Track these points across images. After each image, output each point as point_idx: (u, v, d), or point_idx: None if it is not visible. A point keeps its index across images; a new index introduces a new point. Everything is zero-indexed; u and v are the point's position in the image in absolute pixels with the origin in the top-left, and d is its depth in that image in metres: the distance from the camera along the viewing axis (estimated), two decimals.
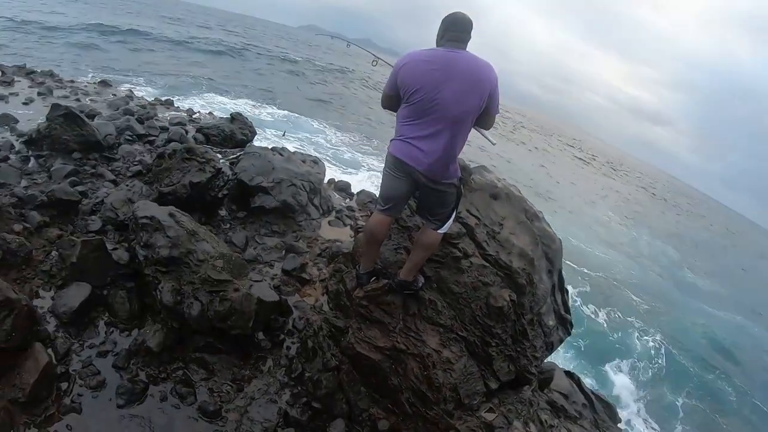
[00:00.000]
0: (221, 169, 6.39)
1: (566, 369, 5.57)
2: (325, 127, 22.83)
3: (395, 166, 3.36)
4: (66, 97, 10.65)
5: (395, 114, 3.43)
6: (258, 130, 10.91)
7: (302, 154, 8.70)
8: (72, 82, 12.88)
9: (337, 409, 4.15)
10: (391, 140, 3.39)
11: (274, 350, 4.69)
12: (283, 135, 16.73)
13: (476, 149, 28.18)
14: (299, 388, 4.32)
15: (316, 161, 8.36)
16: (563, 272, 4.45)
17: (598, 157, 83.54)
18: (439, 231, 3.59)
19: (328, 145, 19.47)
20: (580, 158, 65.64)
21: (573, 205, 31.00)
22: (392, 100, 3.41)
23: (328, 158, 16.44)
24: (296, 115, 22.73)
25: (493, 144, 4.06)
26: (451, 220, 3.61)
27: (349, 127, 24.61)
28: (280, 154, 7.43)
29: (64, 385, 3.95)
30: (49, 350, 4.04)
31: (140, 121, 9.21)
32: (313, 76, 39.30)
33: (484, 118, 3.34)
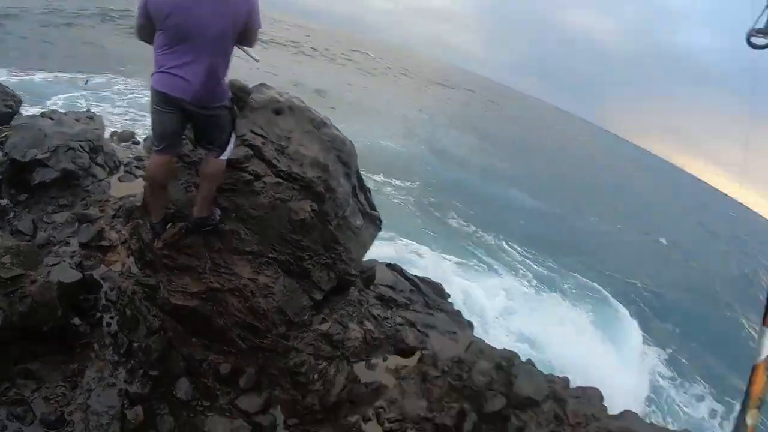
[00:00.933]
0: None
1: (386, 262, 5.81)
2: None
3: (161, 101, 3.18)
4: None
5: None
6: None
7: (75, 112, 7.79)
8: None
9: (175, 368, 4.03)
10: (152, 74, 3.18)
11: (95, 332, 4.38)
12: (86, 83, 15.08)
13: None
14: (132, 362, 4.11)
15: (91, 117, 7.51)
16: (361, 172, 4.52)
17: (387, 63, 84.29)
18: (221, 158, 3.49)
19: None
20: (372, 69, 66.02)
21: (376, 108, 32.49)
22: (146, 30, 3.16)
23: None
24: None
25: (257, 61, 3.90)
26: (231, 144, 3.53)
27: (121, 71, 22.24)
28: (50, 118, 6.63)
29: None
30: None
31: None
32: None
33: (245, 35, 3.25)
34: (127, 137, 8.78)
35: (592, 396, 4.56)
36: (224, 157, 3.51)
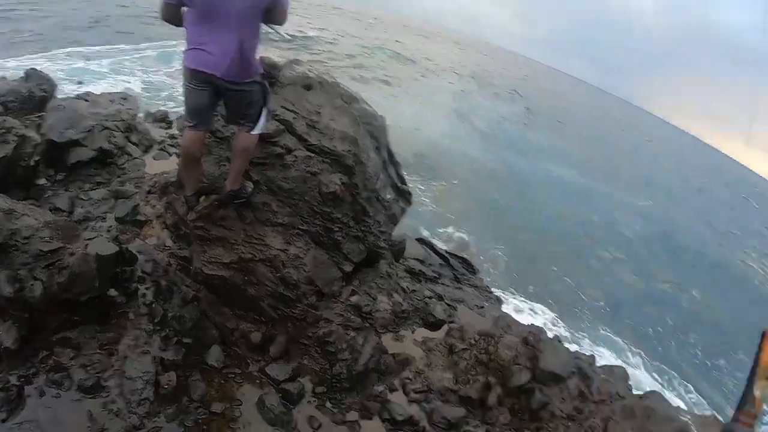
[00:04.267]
0: (25, 134, 5.86)
1: (416, 237, 5.94)
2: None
3: (193, 77, 3.30)
4: None
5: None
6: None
7: (110, 93, 8.08)
8: None
9: (208, 337, 4.26)
10: (184, 51, 3.32)
11: (131, 302, 4.60)
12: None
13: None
14: (166, 330, 4.34)
15: (125, 97, 7.82)
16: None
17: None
18: (253, 132, 3.61)
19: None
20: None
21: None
22: (171, 9, 3.29)
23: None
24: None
25: (288, 39, 4.01)
26: (263, 119, 3.64)
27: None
28: (85, 100, 6.92)
29: None
30: None
31: None
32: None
33: (273, 13, 3.32)
34: (161, 116, 9.00)
35: (617, 375, 4.66)
36: (256, 131, 3.62)
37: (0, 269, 4.31)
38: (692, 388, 11.77)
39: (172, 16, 3.32)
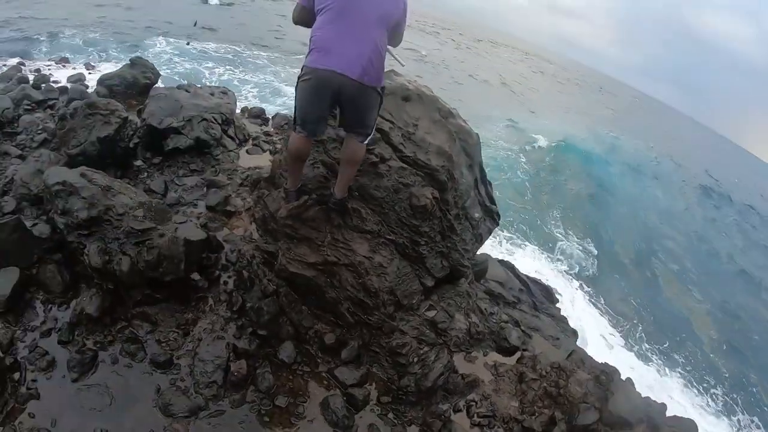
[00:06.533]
0: (127, 117, 6.25)
1: (499, 258, 5.93)
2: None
3: (317, 80, 3.32)
4: None
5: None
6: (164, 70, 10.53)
7: (210, 87, 8.56)
8: None
9: (283, 332, 4.42)
10: (308, 54, 3.37)
11: (212, 288, 4.83)
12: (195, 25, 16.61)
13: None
14: (243, 320, 4.53)
15: (225, 92, 8.26)
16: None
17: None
18: (365, 143, 3.67)
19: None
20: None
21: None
22: (305, 13, 3.47)
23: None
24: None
25: (403, 65, 4.14)
26: (373, 129, 3.71)
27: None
28: (187, 91, 7.34)
29: (16, 376, 3.96)
30: None
31: (36, 86, 8.87)
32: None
33: (394, 32, 3.47)
34: (258, 113, 9.45)
35: (688, 427, 4.49)
36: (368, 141, 3.68)
37: (91, 241, 4.61)
38: None
39: (305, 18, 3.49)
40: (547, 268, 13.75)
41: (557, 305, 5.84)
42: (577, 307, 11.81)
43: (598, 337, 11.19)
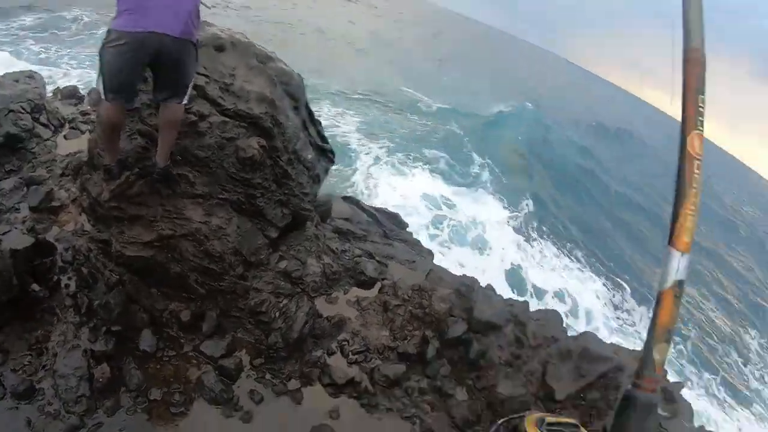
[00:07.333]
0: None
1: (342, 195, 5.96)
2: None
3: (133, 44, 3.08)
4: None
5: None
6: None
7: (13, 73, 7.61)
8: None
9: (137, 321, 4.18)
10: (118, 15, 3.10)
11: (54, 295, 4.45)
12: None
13: None
14: (94, 320, 4.22)
15: (31, 75, 7.42)
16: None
17: None
18: (183, 102, 3.50)
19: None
20: None
21: None
22: None
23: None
24: None
25: (209, 8, 3.86)
26: (190, 88, 3.52)
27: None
28: None
29: None
30: None
31: None
32: None
33: None
34: (71, 92, 8.54)
35: (552, 318, 4.87)
36: (186, 101, 3.51)
37: None
38: None
39: None
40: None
41: (407, 229, 6.02)
42: None
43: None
